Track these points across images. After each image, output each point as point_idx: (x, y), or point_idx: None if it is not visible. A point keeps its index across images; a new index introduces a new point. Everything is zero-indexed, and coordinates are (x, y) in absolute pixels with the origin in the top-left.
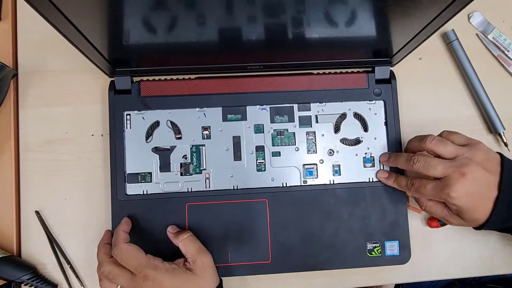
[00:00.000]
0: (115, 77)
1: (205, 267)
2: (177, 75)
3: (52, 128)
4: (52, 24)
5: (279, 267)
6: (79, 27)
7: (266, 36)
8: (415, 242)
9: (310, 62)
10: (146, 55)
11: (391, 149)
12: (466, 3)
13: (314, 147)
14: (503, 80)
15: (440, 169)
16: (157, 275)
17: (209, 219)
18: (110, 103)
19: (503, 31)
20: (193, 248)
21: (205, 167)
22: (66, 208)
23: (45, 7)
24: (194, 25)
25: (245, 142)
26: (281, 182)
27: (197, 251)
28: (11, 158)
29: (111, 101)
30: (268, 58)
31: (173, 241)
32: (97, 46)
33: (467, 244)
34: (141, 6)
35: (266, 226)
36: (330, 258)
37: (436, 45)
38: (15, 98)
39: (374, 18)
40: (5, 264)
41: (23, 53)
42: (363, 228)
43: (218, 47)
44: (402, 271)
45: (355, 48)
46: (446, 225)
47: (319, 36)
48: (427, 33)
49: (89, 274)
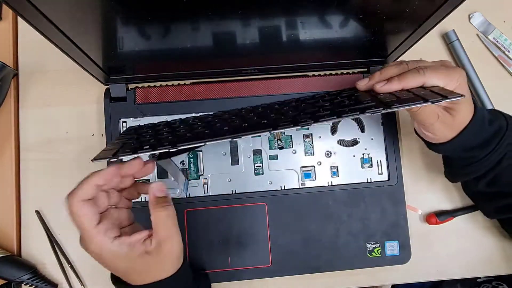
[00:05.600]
0: (110, 84)
1: (168, 255)
2: (172, 81)
3: (52, 128)
4: (44, 35)
5: (279, 270)
6: (72, 37)
7: (260, 40)
8: (415, 242)
9: (305, 64)
10: (141, 63)
11: (389, 149)
12: (457, 4)
13: (312, 149)
14: (503, 81)
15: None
16: (100, 258)
17: (208, 225)
18: (106, 110)
19: (503, 31)
20: (165, 229)
21: (203, 173)
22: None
23: (37, 19)
24: (187, 32)
25: (242, 146)
26: (279, 185)
27: (168, 235)
28: (11, 158)
29: (106, 108)
30: (263, 61)
31: (149, 206)
32: (90, 55)
33: (467, 244)
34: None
35: (266, 230)
36: (330, 260)
37: (437, 46)
38: (15, 97)
39: (367, 19)
40: (5, 263)
41: (23, 53)
42: (362, 229)
43: (213, 52)
44: (402, 271)
45: (349, 49)
46: (445, 222)
47: (313, 38)
48: (421, 32)
49: (89, 273)
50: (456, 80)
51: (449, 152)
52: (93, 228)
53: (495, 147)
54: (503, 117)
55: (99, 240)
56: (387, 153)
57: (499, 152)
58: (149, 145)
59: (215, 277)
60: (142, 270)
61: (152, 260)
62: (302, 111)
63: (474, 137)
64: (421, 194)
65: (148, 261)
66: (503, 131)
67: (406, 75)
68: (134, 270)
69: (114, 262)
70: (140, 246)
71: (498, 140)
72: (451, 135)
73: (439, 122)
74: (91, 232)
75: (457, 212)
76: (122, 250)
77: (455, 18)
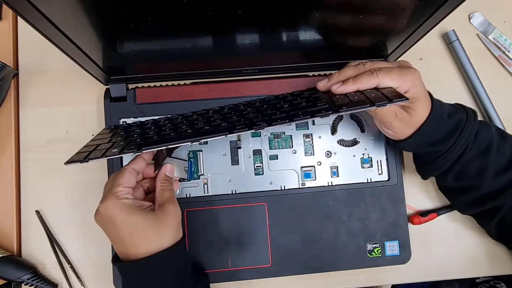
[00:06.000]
0: (110, 84)
1: (169, 215)
2: (172, 81)
3: (52, 128)
4: (44, 35)
5: (279, 270)
6: (72, 37)
7: (260, 40)
8: (415, 242)
9: (305, 65)
10: (141, 63)
11: (389, 149)
12: (457, 4)
13: (312, 149)
14: (503, 81)
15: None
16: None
17: (208, 225)
18: (106, 110)
19: (503, 31)
20: (167, 195)
21: (203, 173)
22: (66, 208)
23: (37, 19)
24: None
25: (242, 146)
26: (279, 185)
27: (168, 199)
28: (11, 158)
29: (106, 108)
30: (263, 61)
31: (157, 179)
32: (90, 55)
33: (467, 244)
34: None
35: (266, 230)
36: (330, 260)
37: (437, 46)
38: (15, 97)
39: (366, 19)
40: (6, 263)
41: (23, 53)
42: (362, 229)
43: (213, 52)
44: (402, 271)
45: (349, 49)
46: (429, 220)
47: (313, 38)
48: (421, 32)
49: (89, 273)
50: (410, 81)
51: (411, 148)
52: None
53: (456, 140)
54: (464, 110)
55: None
56: (387, 153)
57: (461, 145)
58: (118, 148)
59: (215, 277)
60: (146, 231)
61: (156, 219)
62: (261, 113)
63: (433, 132)
64: (421, 194)
65: (152, 220)
66: (463, 124)
67: (361, 77)
68: (139, 233)
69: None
70: (147, 205)
71: (458, 133)
72: (409, 132)
73: (397, 120)
74: (108, 188)
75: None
76: (134, 203)
77: (455, 18)
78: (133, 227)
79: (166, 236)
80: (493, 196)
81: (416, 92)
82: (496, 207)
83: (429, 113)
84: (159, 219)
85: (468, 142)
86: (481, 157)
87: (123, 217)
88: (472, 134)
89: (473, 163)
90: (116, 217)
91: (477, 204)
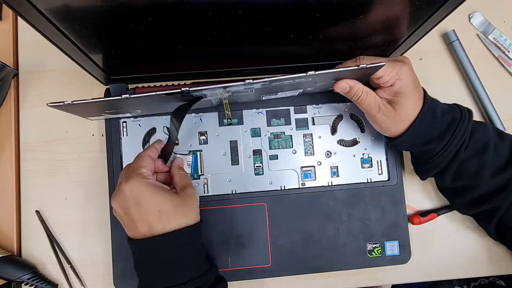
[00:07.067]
0: (110, 84)
1: (191, 198)
2: (172, 81)
3: (52, 128)
4: (44, 35)
5: (279, 271)
6: (72, 37)
7: (260, 40)
8: (415, 242)
9: (305, 65)
10: (141, 63)
11: (388, 149)
12: (457, 4)
13: (312, 149)
14: (503, 81)
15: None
16: (132, 186)
17: (208, 225)
18: None
19: (503, 31)
20: (187, 180)
21: (203, 173)
22: (66, 208)
23: (37, 19)
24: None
25: (242, 146)
26: (279, 185)
27: (189, 184)
28: (11, 158)
29: None
30: (263, 61)
31: (172, 169)
32: (90, 55)
33: (467, 244)
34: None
35: (266, 230)
36: (330, 260)
37: (437, 46)
38: (15, 97)
39: (366, 19)
40: (5, 263)
41: (23, 53)
42: (362, 229)
43: (213, 52)
44: (402, 271)
45: (349, 49)
46: (429, 221)
47: (313, 39)
48: (421, 32)
49: (89, 273)
50: (396, 73)
51: (405, 146)
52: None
53: (450, 138)
54: (458, 109)
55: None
56: (387, 153)
57: (455, 143)
58: None
59: None
60: (174, 209)
61: (178, 199)
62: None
63: (426, 130)
64: (421, 194)
65: (178, 200)
66: (457, 122)
67: (346, 61)
68: (167, 211)
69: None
70: (169, 188)
71: (452, 132)
72: (396, 128)
73: (381, 114)
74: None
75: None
76: (158, 184)
77: (455, 18)
78: (162, 205)
79: (191, 216)
80: (491, 196)
81: (403, 86)
82: (494, 207)
83: (420, 110)
84: (184, 199)
85: (462, 140)
86: (478, 157)
87: (151, 195)
88: (467, 132)
89: (470, 163)
90: (144, 195)
91: (475, 205)
